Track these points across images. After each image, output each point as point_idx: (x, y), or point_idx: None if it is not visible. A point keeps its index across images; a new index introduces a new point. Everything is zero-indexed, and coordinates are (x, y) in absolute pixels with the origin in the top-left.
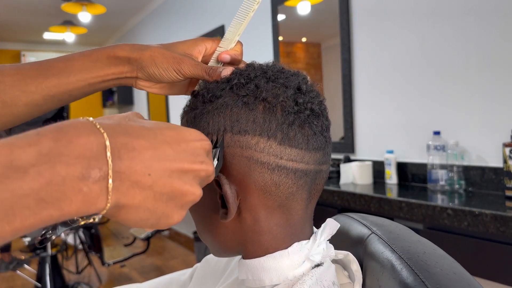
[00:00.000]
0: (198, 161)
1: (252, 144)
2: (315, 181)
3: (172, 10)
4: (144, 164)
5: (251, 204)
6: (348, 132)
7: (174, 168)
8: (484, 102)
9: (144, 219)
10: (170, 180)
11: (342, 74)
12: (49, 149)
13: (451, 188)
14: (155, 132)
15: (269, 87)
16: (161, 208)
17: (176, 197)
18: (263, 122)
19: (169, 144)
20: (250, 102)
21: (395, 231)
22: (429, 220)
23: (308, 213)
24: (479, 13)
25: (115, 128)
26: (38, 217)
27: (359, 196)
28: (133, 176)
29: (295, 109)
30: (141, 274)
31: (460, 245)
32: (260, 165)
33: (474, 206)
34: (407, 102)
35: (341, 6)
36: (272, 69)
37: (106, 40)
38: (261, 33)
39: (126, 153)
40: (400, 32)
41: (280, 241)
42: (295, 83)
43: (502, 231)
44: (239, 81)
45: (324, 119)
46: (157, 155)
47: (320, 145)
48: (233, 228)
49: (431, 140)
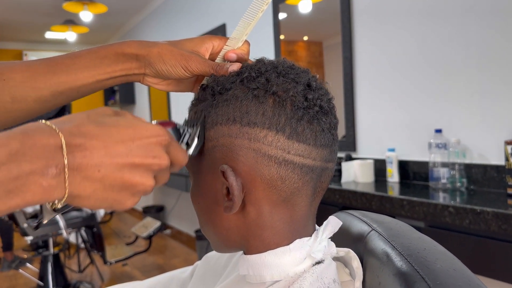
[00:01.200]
0: (150, 156)
1: (260, 137)
2: (320, 178)
3: (173, 9)
4: (94, 162)
5: (256, 198)
6: (349, 130)
7: (125, 163)
8: (486, 100)
9: (97, 206)
10: (121, 173)
11: (344, 73)
12: (16, 150)
13: (453, 186)
14: (111, 131)
15: (280, 82)
16: (112, 196)
17: (127, 188)
18: (272, 116)
19: (123, 142)
20: (261, 95)
21: (395, 228)
22: (430, 218)
23: (312, 210)
24: (479, 11)
25: (72, 131)
26: (7, 205)
27: (361, 194)
28: (84, 172)
29: (305, 104)
30: (143, 273)
31: (461, 243)
32: (268, 158)
33: (476, 204)
34: (409, 100)
35: (342, 4)
36: (283, 65)
37: (107, 39)
38: (263, 32)
39: (79, 152)
40: (401, 31)
41: (282, 237)
42: (305, 79)
43: (504, 229)
44: (249, 74)
45: (333, 117)
46: (109, 153)
47: (328, 142)
48: (236, 221)
49: (433, 138)
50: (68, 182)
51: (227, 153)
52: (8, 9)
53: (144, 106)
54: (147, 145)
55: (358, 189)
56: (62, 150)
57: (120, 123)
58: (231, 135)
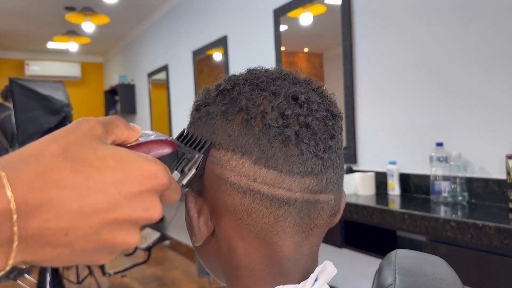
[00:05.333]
0: (141, 209)
1: (224, 160)
2: (309, 214)
3: (175, 20)
4: (60, 225)
5: (226, 231)
6: (350, 142)
7: (105, 221)
8: (487, 114)
9: (63, 265)
10: (97, 236)
11: (344, 85)
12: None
13: (454, 200)
14: (91, 175)
15: (253, 95)
16: (82, 258)
17: (104, 249)
18: (238, 136)
19: (105, 192)
20: (229, 112)
21: (420, 282)
22: (432, 232)
23: (303, 251)
24: (481, 23)
25: (32, 182)
26: None
27: (362, 208)
28: (44, 238)
29: (280, 122)
30: (142, 284)
31: (464, 258)
32: (230, 186)
33: (478, 218)
34: (410, 113)
35: (343, 17)
36: (270, 75)
37: (109, 49)
38: (264, 44)
39: (37, 215)
40: (401, 43)
41: (261, 280)
42: (290, 91)
43: (506, 244)
44: (225, 87)
45: (327, 137)
46: (83, 211)
47: (312, 169)
48: (213, 255)
49: (434, 152)
50: (18, 250)
51: (200, 177)
52: (10, 18)
53: (145, 115)
54: (138, 194)
55: (359, 202)
56: (11, 213)
57: (107, 161)
58: None
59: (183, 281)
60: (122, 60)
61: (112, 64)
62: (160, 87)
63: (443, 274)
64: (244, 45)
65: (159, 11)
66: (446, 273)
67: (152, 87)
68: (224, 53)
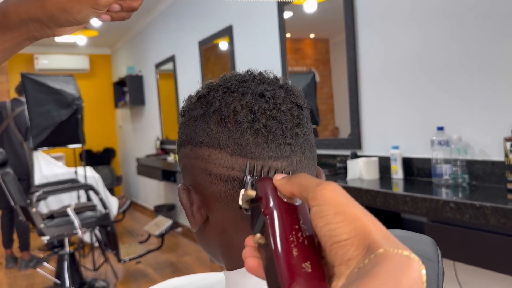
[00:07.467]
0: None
1: (206, 156)
2: None
3: (181, 10)
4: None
5: (216, 216)
6: (354, 128)
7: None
8: (486, 97)
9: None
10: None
11: (348, 72)
12: None
13: (455, 182)
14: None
15: (225, 97)
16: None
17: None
18: (215, 133)
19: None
20: (206, 114)
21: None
22: (432, 213)
23: None
24: (481, 11)
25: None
26: None
27: (366, 191)
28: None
29: (249, 118)
30: (156, 270)
31: (463, 237)
32: (214, 176)
33: (477, 199)
34: (412, 98)
35: (346, 5)
36: (239, 78)
37: (116, 41)
38: (268, 31)
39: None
40: (403, 30)
41: None
42: (257, 90)
43: (502, 223)
44: (202, 93)
45: (293, 125)
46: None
47: (282, 153)
48: (211, 237)
49: (435, 136)
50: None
51: (189, 173)
52: None
53: (154, 106)
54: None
55: (363, 186)
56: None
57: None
58: (188, 156)
59: (195, 266)
60: (130, 51)
61: (120, 56)
62: (167, 77)
63: (421, 250)
64: (249, 33)
65: (165, 3)
66: (425, 249)
67: (159, 78)
68: (230, 42)
